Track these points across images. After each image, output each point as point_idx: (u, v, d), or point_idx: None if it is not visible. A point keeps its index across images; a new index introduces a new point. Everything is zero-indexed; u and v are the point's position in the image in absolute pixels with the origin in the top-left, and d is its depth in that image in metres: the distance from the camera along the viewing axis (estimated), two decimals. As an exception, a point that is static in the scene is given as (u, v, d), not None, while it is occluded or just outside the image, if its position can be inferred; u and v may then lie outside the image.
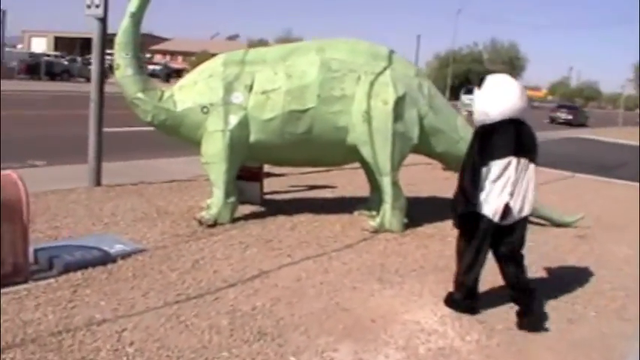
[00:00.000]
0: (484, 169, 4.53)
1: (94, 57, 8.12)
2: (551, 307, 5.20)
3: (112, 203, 7.37)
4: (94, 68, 8.06)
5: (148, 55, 75.07)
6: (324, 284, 5.23)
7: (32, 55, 45.32)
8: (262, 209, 7.65)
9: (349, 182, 9.90)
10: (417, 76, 7.29)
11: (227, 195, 6.81)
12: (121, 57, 6.85)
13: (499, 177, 4.53)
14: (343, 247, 6.33)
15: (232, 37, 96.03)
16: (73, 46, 74.17)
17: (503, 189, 4.54)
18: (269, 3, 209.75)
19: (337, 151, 7.11)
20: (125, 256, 5.48)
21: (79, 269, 5.09)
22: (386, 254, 6.18)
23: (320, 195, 9.03)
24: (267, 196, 8.41)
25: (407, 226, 7.20)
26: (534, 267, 5.94)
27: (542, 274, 6.07)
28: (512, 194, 4.55)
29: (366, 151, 6.88)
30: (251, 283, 5.14)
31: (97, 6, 7.76)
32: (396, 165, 6.97)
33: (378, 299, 5.05)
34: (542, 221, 7.95)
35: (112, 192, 7.99)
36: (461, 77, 71.90)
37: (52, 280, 4.87)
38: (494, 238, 4.68)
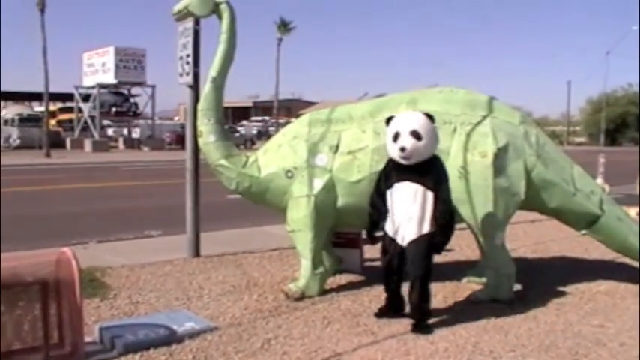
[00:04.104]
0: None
1: (187, 125, 8.06)
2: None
3: (204, 275, 7.11)
4: (187, 136, 7.98)
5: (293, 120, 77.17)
6: (399, 370, 4.54)
7: (183, 126, 47.97)
8: (361, 278, 7.05)
9: (469, 244, 8.98)
10: (522, 124, 6.47)
11: (315, 265, 6.31)
12: (203, 124, 6.67)
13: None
14: (438, 321, 5.58)
15: (380, 96, 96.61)
16: (226, 115, 77.84)
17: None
18: (416, 60, 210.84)
19: (434, 213, 6.41)
20: (194, 335, 5.11)
21: (141, 350, 4.78)
22: (485, 329, 5.35)
23: (430, 259, 8.27)
24: (374, 263, 7.81)
25: (519, 293, 6.33)
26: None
27: None
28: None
29: (465, 211, 6.12)
30: (318, 367, 4.57)
31: (188, 74, 7.70)
32: (500, 225, 6.16)
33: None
34: None
35: (209, 263, 7.75)
36: (616, 121, 67.19)
37: (107, 363, 4.60)
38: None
